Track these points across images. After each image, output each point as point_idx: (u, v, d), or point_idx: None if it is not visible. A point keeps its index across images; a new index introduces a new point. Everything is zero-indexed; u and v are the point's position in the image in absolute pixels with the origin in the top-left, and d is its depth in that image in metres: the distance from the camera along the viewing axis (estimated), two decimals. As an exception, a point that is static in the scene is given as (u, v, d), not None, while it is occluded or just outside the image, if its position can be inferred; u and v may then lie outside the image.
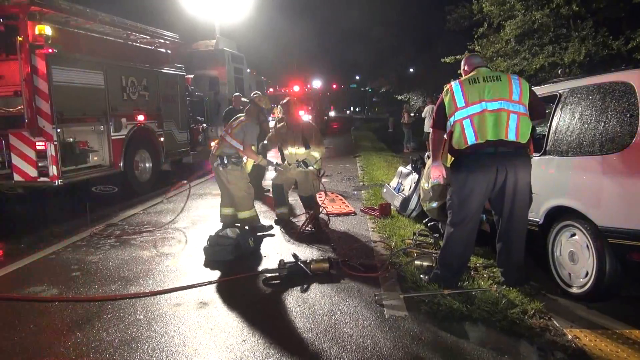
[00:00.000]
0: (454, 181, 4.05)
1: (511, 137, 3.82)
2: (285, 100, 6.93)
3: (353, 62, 52.97)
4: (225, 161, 5.99)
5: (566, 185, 4.08)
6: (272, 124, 13.69)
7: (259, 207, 7.30)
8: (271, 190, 6.97)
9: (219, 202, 8.53)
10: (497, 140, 3.82)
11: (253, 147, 6.15)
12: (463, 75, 4.26)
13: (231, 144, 6.04)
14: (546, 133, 4.42)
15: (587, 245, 3.74)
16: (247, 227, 5.97)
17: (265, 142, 6.94)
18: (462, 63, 4.35)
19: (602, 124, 3.76)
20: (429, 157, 6.44)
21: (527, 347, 3.22)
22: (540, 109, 4.06)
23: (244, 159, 6.10)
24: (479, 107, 3.85)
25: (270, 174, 6.80)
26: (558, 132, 4.24)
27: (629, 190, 3.47)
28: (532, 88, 5.13)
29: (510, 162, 3.86)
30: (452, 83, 4.03)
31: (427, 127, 16.18)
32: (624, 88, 3.68)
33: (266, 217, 6.98)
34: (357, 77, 69.22)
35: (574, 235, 3.94)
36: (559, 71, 5.62)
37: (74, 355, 3.25)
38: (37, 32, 7.15)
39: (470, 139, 3.84)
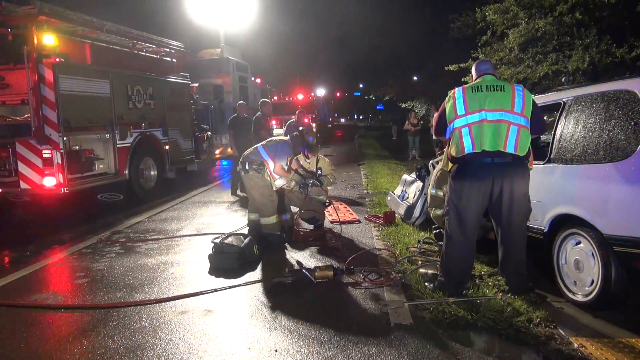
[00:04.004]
0: (451, 190, 4.07)
1: (510, 149, 3.80)
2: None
3: (357, 70, 53.11)
4: (247, 167, 6.03)
5: (571, 193, 4.08)
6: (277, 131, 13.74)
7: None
8: None
9: (223, 210, 8.61)
10: (494, 151, 3.82)
11: (285, 166, 6.23)
12: (471, 79, 4.27)
13: (260, 153, 6.10)
14: (550, 141, 4.43)
15: (593, 254, 3.73)
16: (250, 236, 5.96)
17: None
18: (473, 69, 4.32)
19: (607, 131, 3.77)
20: (433, 166, 6.46)
21: (533, 355, 3.22)
22: (540, 125, 4.04)
23: (268, 171, 6.09)
24: (477, 116, 3.85)
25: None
26: (562, 140, 4.24)
27: (634, 198, 3.46)
28: (535, 98, 5.17)
29: (507, 173, 3.86)
30: (456, 89, 4.04)
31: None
32: (628, 96, 3.69)
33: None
34: (361, 85, 69.42)
35: (579, 243, 3.93)
36: (563, 79, 5.62)
37: (79, 363, 3.26)
38: (44, 41, 7.24)
39: (468, 148, 3.85)
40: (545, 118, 5.98)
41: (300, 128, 6.54)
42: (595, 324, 3.63)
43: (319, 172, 6.92)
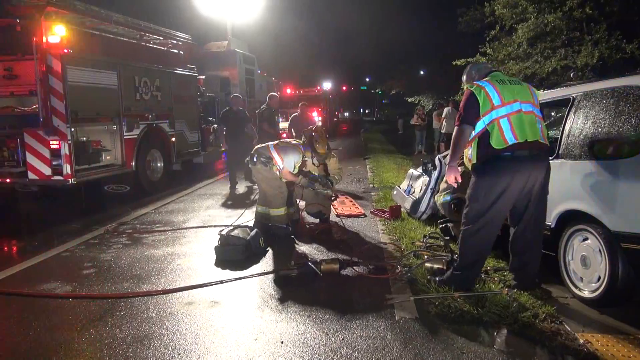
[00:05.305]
0: (482, 184, 3.89)
1: (543, 139, 3.86)
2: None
3: (363, 64, 52.94)
4: (255, 159, 6.10)
5: (579, 189, 4.05)
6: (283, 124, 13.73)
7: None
8: None
9: (229, 203, 8.64)
10: (534, 142, 3.79)
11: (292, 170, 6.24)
12: (470, 82, 4.13)
13: (270, 150, 6.14)
14: (559, 136, 4.41)
15: (600, 250, 3.72)
16: (256, 228, 5.97)
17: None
18: (470, 71, 4.27)
19: (616, 127, 3.75)
20: (440, 161, 6.44)
21: (538, 351, 3.21)
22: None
23: (276, 165, 6.11)
24: (516, 106, 3.81)
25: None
26: (571, 136, 4.22)
27: (642, 195, 3.45)
28: (544, 93, 5.14)
29: (540, 167, 3.86)
30: (481, 82, 3.94)
31: (446, 128, 16.06)
32: (638, 92, 3.67)
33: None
34: (367, 79, 69.18)
35: (586, 239, 3.92)
36: (572, 74, 5.58)
37: (87, 352, 3.29)
38: (52, 32, 7.25)
39: (510, 139, 3.75)
40: (553, 114, 5.97)
41: (312, 134, 6.40)
42: (601, 320, 3.63)
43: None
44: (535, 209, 3.95)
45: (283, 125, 14.72)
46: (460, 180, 4.11)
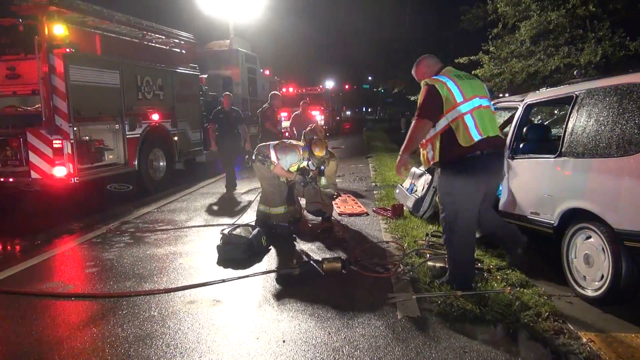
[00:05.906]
0: (455, 184, 3.90)
1: (500, 134, 4.02)
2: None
3: (366, 62, 52.81)
4: (254, 157, 6.20)
5: (582, 187, 4.04)
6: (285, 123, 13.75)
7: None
8: None
9: (231, 202, 8.64)
10: (495, 137, 3.88)
11: (292, 168, 6.27)
12: (423, 76, 4.12)
13: (269, 148, 6.18)
14: (562, 134, 4.39)
15: (603, 248, 3.70)
16: (258, 227, 5.97)
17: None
18: (424, 65, 4.20)
19: (620, 125, 3.72)
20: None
21: (541, 349, 3.20)
22: None
23: (273, 164, 6.12)
24: (476, 101, 3.86)
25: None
26: (574, 134, 4.19)
27: (646, 193, 3.42)
28: (547, 90, 5.14)
29: (502, 161, 4.12)
30: (441, 78, 3.90)
31: None
32: (642, 89, 3.64)
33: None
34: (370, 78, 69.06)
35: (589, 237, 3.90)
36: (575, 72, 5.55)
37: (89, 350, 3.29)
38: (55, 31, 7.27)
39: (475, 136, 3.78)
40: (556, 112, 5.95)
41: (314, 137, 6.32)
42: (604, 319, 3.61)
43: (323, 167, 6.80)
44: (493, 197, 4.32)
45: (285, 124, 14.68)
46: (407, 170, 4.22)
